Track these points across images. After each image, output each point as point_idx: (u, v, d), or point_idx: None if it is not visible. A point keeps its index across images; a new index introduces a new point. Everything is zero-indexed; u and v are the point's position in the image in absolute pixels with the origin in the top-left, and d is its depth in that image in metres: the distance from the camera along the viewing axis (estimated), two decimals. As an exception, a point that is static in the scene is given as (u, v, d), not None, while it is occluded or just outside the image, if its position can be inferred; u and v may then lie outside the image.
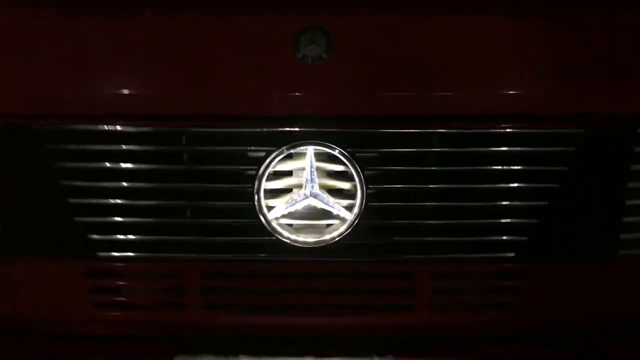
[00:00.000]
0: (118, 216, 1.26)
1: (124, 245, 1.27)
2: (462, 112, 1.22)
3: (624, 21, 1.25)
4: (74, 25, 1.23)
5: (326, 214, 1.21)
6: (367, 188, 1.19)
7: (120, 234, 1.27)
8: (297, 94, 1.21)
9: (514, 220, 1.25)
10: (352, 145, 1.20)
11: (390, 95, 1.22)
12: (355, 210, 1.20)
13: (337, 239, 1.21)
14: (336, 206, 1.20)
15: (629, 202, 1.25)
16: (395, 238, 1.25)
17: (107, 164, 1.23)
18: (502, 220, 1.25)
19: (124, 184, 1.24)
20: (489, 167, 1.22)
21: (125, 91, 1.23)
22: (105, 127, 1.22)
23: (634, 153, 1.23)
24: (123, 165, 1.23)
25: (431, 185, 1.22)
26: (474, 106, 1.22)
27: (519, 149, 1.22)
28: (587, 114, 1.22)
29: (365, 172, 1.20)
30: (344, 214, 1.20)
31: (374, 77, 1.22)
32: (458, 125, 1.21)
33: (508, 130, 1.22)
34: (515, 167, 1.23)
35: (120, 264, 1.28)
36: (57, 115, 1.23)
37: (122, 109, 1.22)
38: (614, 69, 1.24)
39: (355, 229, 1.21)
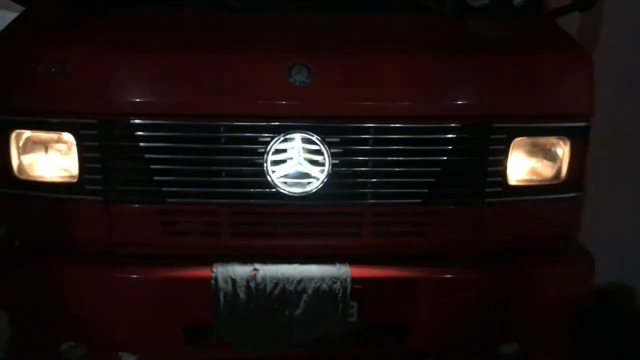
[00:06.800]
0: (180, 176, 1.88)
1: (183, 195, 1.90)
2: (390, 114, 1.89)
3: (486, 62, 1.94)
4: (154, 59, 1.86)
5: (307, 175, 1.89)
6: (332, 159, 1.88)
7: (181, 187, 1.89)
8: (290, 102, 1.86)
9: (420, 179, 1.93)
10: (323, 133, 1.87)
11: (346, 103, 1.88)
12: (325, 172, 1.88)
13: (313, 190, 1.89)
14: (313, 170, 1.88)
15: (489, 169, 1.95)
16: (349, 190, 1.93)
17: (173, 144, 1.85)
18: (412, 179, 1.93)
19: (184, 156, 1.86)
20: (404, 147, 1.90)
21: (187, 100, 1.85)
22: (173, 122, 1.84)
23: (490, 138, 1.93)
24: (183, 145, 1.86)
25: (369, 158, 1.91)
26: (396, 110, 1.90)
27: (423, 136, 1.91)
28: (463, 115, 1.91)
29: (331, 150, 1.87)
30: (317, 175, 1.88)
31: (336, 92, 1.88)
32: (387, 121, 1.89)
33: (416, 125, 1.90)
34: (421, 148, 1.91)
35: (181, 207, 1.92)
36: (142, 115, 1.85)
37: (185, 110, 1.85)
38: (477, 91, 1.92)
39: (325, 185, 1.89)
